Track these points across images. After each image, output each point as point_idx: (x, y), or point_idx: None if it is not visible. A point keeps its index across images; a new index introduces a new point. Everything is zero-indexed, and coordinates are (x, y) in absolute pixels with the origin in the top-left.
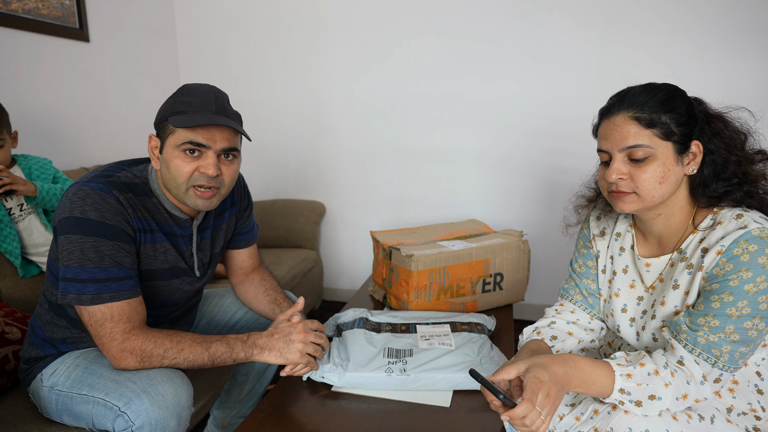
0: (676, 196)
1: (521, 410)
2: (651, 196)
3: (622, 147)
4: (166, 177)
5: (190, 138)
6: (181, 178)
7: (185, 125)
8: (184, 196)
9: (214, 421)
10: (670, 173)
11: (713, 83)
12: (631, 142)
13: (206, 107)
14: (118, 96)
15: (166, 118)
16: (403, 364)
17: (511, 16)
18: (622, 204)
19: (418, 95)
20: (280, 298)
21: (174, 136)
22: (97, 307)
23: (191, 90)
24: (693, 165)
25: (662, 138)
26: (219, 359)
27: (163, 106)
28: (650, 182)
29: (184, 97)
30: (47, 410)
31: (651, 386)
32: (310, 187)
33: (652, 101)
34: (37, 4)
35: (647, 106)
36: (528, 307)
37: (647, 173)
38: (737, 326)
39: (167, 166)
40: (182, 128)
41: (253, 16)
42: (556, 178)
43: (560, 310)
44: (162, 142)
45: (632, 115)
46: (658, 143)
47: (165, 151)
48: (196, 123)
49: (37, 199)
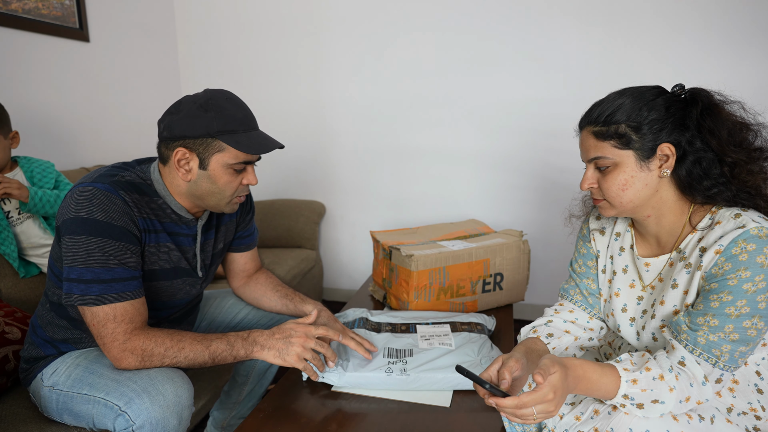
0: (661, 197)
1: (510, 402)
2: (619, 202)
3: (587, 159)
4: (208, 190)
5: (248, 159)
6: (230, 192)
7: (252, 151)
8: (226, 206)
9: (213, 421)
10: (634, 180)
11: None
12: (592, 154)
13: (251, 123)
14: (118, 96)
15: (211, 135)
16: (403, 364)
17: (510, 16)
18: (601, 210)
19: (418, 95)
20: (290, 292)
21: (225, 154)
22: (100, 308)
23: (224, 105)
24: (666, 168)
25: (620, 147)
26: (220, 357)
27: (194, 121)
28: (613, 189)
29: (225, 113)
30: (48, 410)
31: (656, 391)
32: (310, 187)
33: (618, 113)
34: (37, 4)
35: (605, 119)
36: (528, 307)
37: (608, 182)
38: (736, 325)
39: (214, 181)
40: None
41: (253, 16)
42: (556, 178)
43: (559, 309)
44: (203, 157)
45: (591, 129)
46: (616, 153)
47: (212, 168)
48: (263, 150)
49: (29, 206)
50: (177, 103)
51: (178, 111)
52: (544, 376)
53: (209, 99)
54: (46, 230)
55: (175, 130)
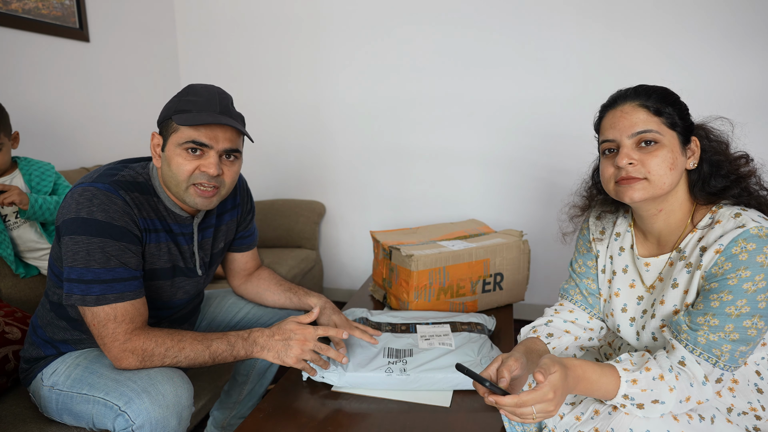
0: (677, 191)
1: (509, 400)
2: (662, 182)
3: (632, 133)
4: (167, 174)
5: (193, 137)
6: (182, 176)
7: (189, 123)
8: (184, 194)
9: (213, 421)
10: (677, 161)
11: (716, 82)
12: (641, 128)
13: (211, 107)
14: (118, 96)
15: (170, 116)
16: (403, 364)
17: (510, 16)
18: (631, 192)
19: (418, 95)
20: (293, 286)
21: (177, 135)
22: (101, 308)
23: (196, 90)
24: (693, 159)
25: (668, 126)
26: (220, 357)
27: (167, 104)
28: (662, 167)
29: (188, 96)
30: (47, 410)
31: (656, 391)
32: (310, 187)
33: (655, 95)
34: (37, 4)
35: (652, 98)
36: (528, 307)
37: (658, 158)
38: (736, 325)
39: (168, 163)
40: (186, 126)
41: (253, 16)
42: (557, 178)
43: (559, 309)
44: (165, 139)
45: (640, 103)
46: (665, 131)
47: (167, 149)
48: (199, 121)
49: (28, 213)
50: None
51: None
52: (545, 375)
53: (187, 86)
54: (42, 235)
55: (159, 117)
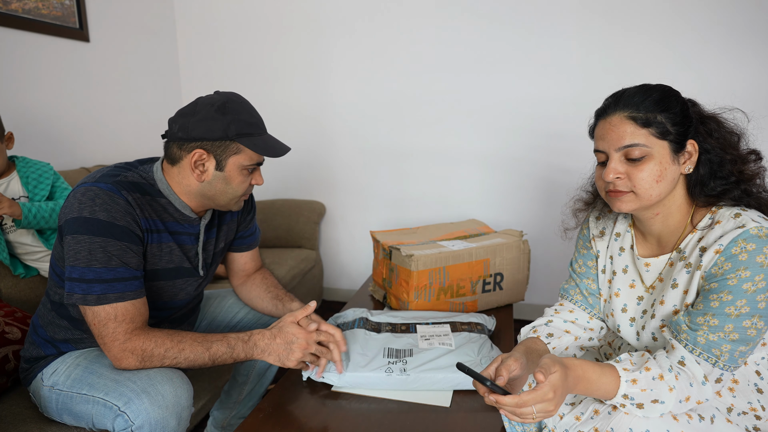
0: (674, 195)
1: (510, 400)
2: (648, 195)
3: (618, 146)
4: (221, 190)
5: (259, 160)
6: (241, 191)
7: (269, 154)
8: (234, 205)
9: (213, 421)
10: (666, 172)
11: (717, 82)
12: (627, 142)
13: (263, 127)
14: (119, 96)
15: (230, 138)
16: (403, 364)
17: (509, 15)
18: (619, 203)
19: (418, 95)
20: (282, 293)
21: (241, 156)
22: (101, 307)
23: (239, 107)
24: (689, 164)
25: (658, 137)
26: (220, 359)
27: (213, 123)
28: (647, 181)
29: (241, 116)
30: (47, 410)
31: (655, 391)
32: (310, 187)
33: (648, 101)
34: (37, 4)
35: (642, 106)
36: (528, 307)
37: (644, 172)
38: (736, 325)
39: (228, 182)
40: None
41: (253, 16)
42: (557, 178)
43: (559, 309)
44: (220, 159)
45: (628, 114)
46: (654, 142)
47: (228, 169)
48: (279, 153)
49: (23, 223)
50: (192, 105)
51: (194, 113)
52: (545, 374)
53: (225, 102)
54: (38, 239)
55: (192, 131)
